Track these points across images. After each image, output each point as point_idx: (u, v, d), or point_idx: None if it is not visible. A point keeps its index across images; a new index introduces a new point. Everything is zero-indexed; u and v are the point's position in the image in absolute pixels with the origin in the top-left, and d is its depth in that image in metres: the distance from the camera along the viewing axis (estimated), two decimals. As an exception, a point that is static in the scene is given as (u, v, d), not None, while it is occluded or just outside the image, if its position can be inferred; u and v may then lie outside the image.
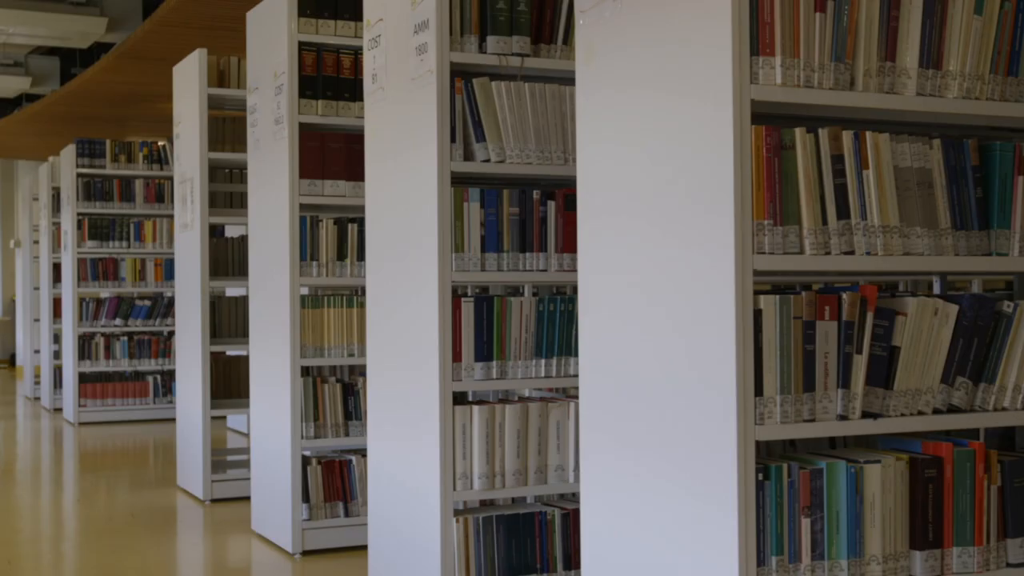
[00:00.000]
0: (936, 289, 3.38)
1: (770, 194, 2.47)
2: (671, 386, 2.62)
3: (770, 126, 2.47)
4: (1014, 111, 2.73)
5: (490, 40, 3.86)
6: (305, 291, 5.40)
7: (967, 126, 2.93)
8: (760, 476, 2.45)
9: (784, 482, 2.48)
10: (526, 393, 4.25)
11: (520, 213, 3.85)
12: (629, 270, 2.77)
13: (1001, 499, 2.68)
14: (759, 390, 2.45)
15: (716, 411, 2.47)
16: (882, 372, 2.59)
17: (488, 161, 3.80)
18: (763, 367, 2.45)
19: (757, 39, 2.47)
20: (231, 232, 8.59)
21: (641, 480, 2.73)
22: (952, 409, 2.67)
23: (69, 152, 9.98)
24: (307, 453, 5.17)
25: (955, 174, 2.69)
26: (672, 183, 2.61)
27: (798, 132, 2.49)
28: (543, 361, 3.86)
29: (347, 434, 5.15)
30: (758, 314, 2.45)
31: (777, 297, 2.47)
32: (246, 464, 6.60)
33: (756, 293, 2.47)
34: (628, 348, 2.78)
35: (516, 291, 4.79)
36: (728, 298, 2.43)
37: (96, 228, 10.04)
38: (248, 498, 5.93)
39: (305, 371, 5.16)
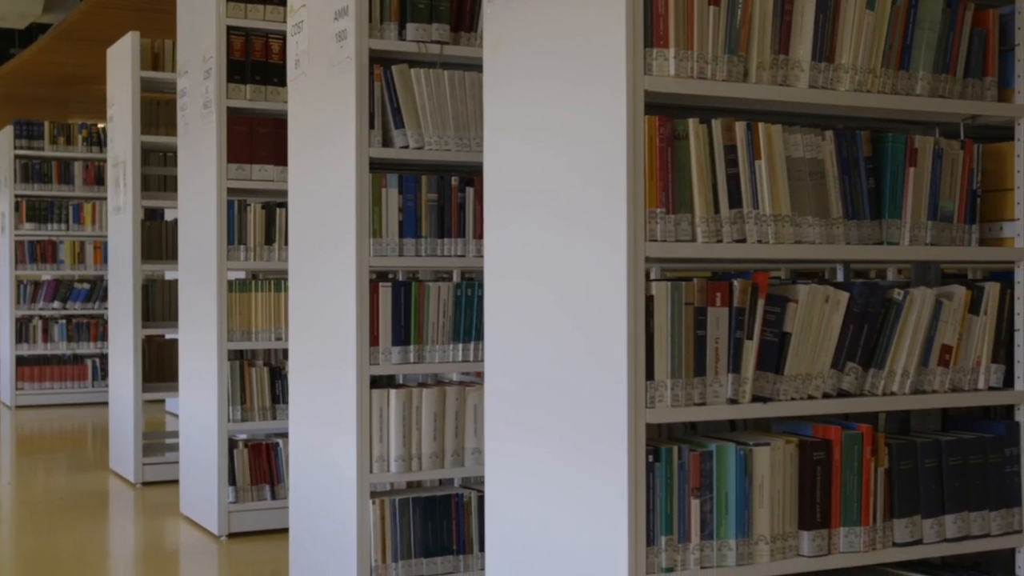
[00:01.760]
0: (839, 277, 3.46)
1: (663, 183, 2.52)
2: (568, 371, 2.68)
3: (663, 116, 2.52)
4: (904, 104, 2.80)
5: (409, 27, 3.89)
6: (242, 275, 5.42)
7: (862, 118, 3.00)
8: (651, 458, 2.52)
9: (674, 464, 2.54)
10: (454, 377, 4.30)
11: (439, 199, 3.90)
12: (530, 257, 2.83)
13: (888, 481, 2.76)
14: (650, 374, 2.51)
15: (608, 395, 2.53)
16: (773, 357, 2.66)
17: (407, 147, 3.84)
18: (654, 352, 2.51)
19: (651, 31, 2.52)
20: (170, 216, 8.55)
21: (540, 463, 2.79)
22: (842, 393, 2.75)
23: (7, 133, 9.88)
24: (243, 436, 5.20)
25: (848, 165, 2.76)
26: (570, 172, 2.67)
27: (691, 122, 2.55)
28: (460, 345, 3.91)
29: (274, 417, 5.17)
30: (650, 300, 2.51)
31: (669, 283, 2.53)
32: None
33: (650, 279, 2.53)
34: (528, 334, 2.84)
35: (449, 276, 4.83)
36: (620, 284, 2.49)
37: (34, 210, 9.96)
38: (178, 481, 5.94)
39: (235, 355, 5.18)
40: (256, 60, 5.16)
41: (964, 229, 2.91)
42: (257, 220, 5.16)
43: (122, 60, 6.48)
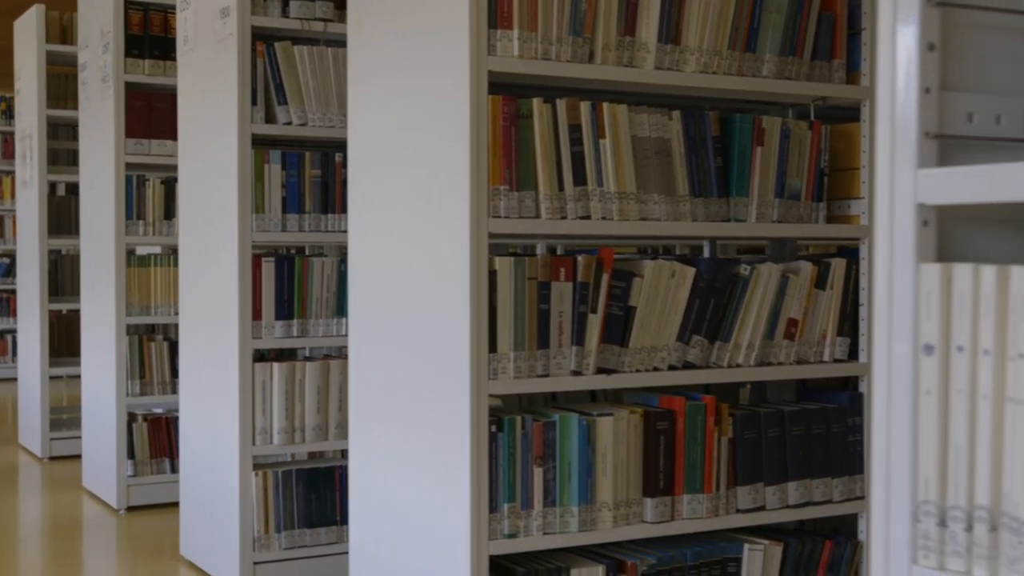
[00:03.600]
0: (706, 253, 3.56)
1: (506, 161, 2.59)
2: (419, 345, 2.75)
3: (507, 96, 2.59)
4: (749, 85, 2.89)
5: (293, 5, 3.93)
6: (156, 250, 5.43)
7: (716, 99, 3.09)
8: (494, 428, 2.60)
9: (517, 434, 2.62)
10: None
11: (322, 175, 3.94)
12: (387, 235, 2.89)
13: (732, 450, 2.86)
14: (494, 347, 2.59)
15: (453, 367, 2.60)
16: (618, 330, 2.74)
17: (290, 124, 3.88)
18: (497, 325, 2.59)
19: (496, 13, 2.58)
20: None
21: (396, 435, 2.87)
22: (688, 366, 2.84)
23: (-78, 106, 9.77)
24: (159, 410, 5.22)
25: (695, 144, 2.85)
26: (420, 152, 2.73)
27: (535, 102, 2.62)
28: (344, 320, 3.97)
29: (174, 391, 5.20)
30: (493, 275, 2.59)
31: (511, 259, 2.60)
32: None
33: (493, 255, 2.61)
34: (385, 309, 2.91)
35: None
36: (463, 259, 2.56)
37: (-48, 184, 9.85)
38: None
39: (136, 329, 5.20)
40: (155, 35, 5.16)
41: (812, 207, 3.01)
42: (156, 195, 5.17)
43: (28, 33, 6.44)
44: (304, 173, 3.91)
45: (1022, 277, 0.99)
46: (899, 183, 1.04)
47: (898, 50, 1.05)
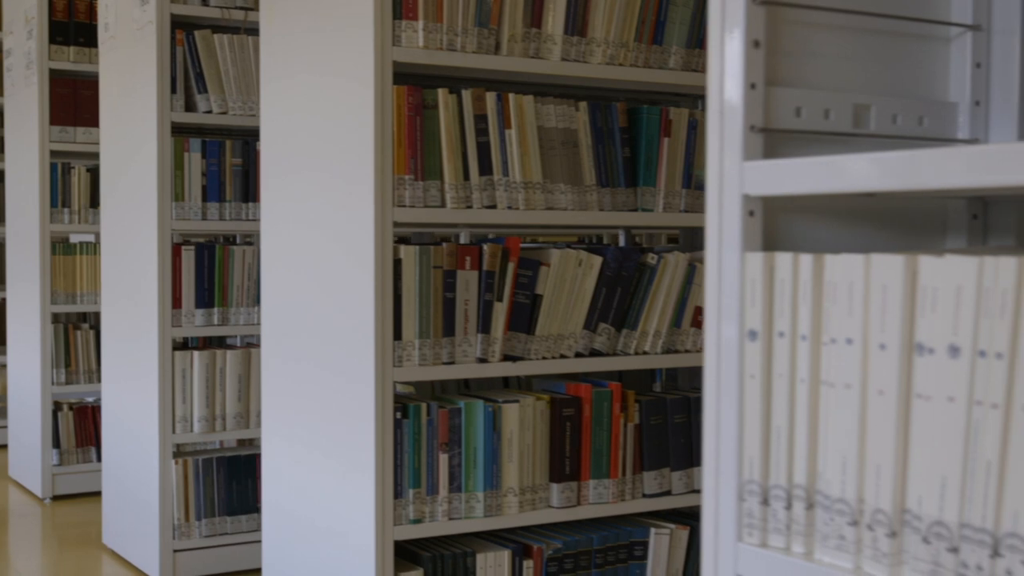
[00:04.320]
0: (621, 242, 3.61)
1: (411, 151, 2.62)
2: (327, 333, 2.77)
3: (412, 86, 2.61)
4: (655, 77, 2.93)
5: (213, -8, 3.92)
6: (90, 238, 5.40)
7: (622, 91, 3.13)
8: (399, 415, 2.63)
9: (423, 420, 2.65)
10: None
11: (243, 164, 3.95)
12: (297, 225, 2.91)
13: (639, 436, 2.91)
14: (398, 335, 2.61)
15: (359, 354, 2.63)
16: (525, 318, 2.78)
17: (210, 112, 3.87)
18: (403, 313, 2.62)
19: (401, 3, 2.61)
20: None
21: (306, 423, 2.89)
22: (595, 353, 2.89)
23: None
24: (90, 399, 5.19)
25: (602, 135, 2.89)
26: (328, 142, 2.75)
27: (440, 92, 2.65)
28: (265, 308, 3.97)
29: (100, 380, 5.17)
30: (398, 263, 2.61)
31: (417, 247, 2.63)
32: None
33: (398, 243, 2.63)
34: (293, 298, 2.93)
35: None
36: (368, 248, 2.59)
37: None
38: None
39: (62, 317, 5.17)
40: (80, 22, 5.12)
41: (719, 197, 3.06)
42: (82, 183, 5.14)
43: (-46, 18, 6.36)
44: (224, 162, 3.91)
45: (836, 265, 1.03)
46: (726, 175, 1.08)
47: (725, 47, 1.09)
